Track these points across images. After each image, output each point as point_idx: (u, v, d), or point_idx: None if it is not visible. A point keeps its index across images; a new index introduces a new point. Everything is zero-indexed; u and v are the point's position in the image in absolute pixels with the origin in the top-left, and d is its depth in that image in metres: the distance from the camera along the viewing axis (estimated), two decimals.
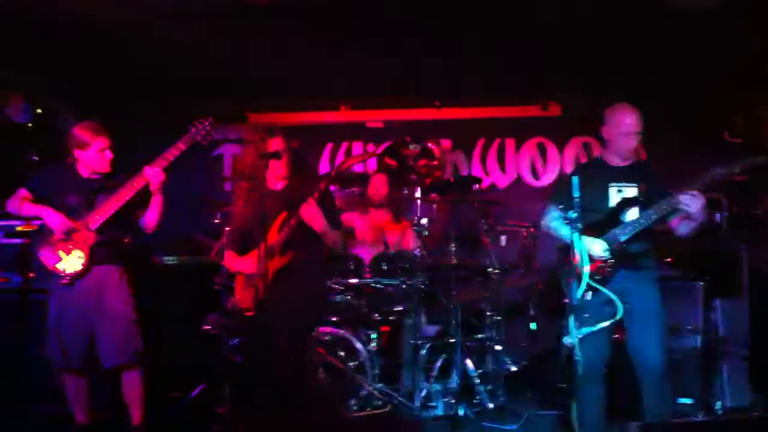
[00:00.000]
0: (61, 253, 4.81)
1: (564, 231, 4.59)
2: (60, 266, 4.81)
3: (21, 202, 4.95)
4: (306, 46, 6.00)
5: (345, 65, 6.47)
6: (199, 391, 5.97)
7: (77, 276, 4.82)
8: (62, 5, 5.24)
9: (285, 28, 5.62)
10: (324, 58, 6.26)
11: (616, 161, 4.70)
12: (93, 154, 4.90)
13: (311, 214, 4.60)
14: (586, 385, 4.42)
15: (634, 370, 4.60)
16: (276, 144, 4.68)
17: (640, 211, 4.49)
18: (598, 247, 4.46)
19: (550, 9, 5.40)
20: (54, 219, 4.80)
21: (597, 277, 4.41)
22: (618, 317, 4.18)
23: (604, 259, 4.47)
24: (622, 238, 4.46)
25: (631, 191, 4.59)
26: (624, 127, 4.58)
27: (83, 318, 4.84)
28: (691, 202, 4.28)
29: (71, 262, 4.81)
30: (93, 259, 4.84)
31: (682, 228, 4.54)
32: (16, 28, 5.57)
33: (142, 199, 4.91)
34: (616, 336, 4.82)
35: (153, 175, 4.81)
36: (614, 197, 4.59)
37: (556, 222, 4.75)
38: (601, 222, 4.56)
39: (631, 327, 4.59)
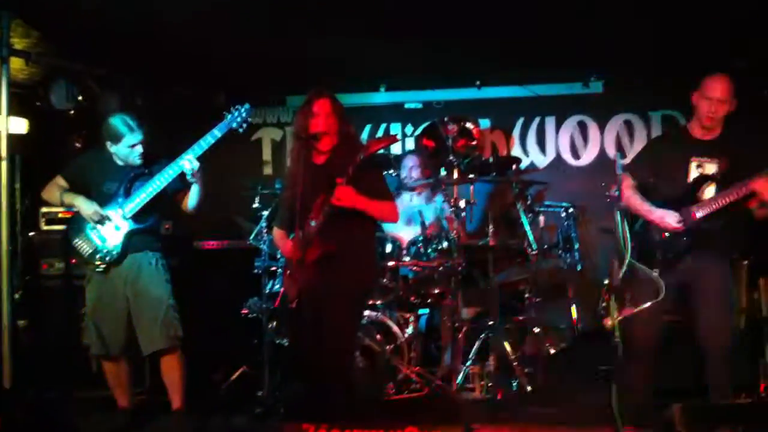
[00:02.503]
0: (97, 241, 4.88)
1: (636, 202, 4.57)
2: (96, 254, 4.88)
3: (57, 190, 5.01)
4: (344, 27, 5.95)
5: (383, 46, 6.42)
6: (239, 374, 6.05)
7: (113, 263, 4.88)
8: None
9: (322, 8, 5.57)
10: (362, 38, 6.21)
11: (700, 132, 4.61)
12: (123, 149, 4.93)
13: (346, 196, 4.20)
14: (632, 363, 4.40)
15: (699, 349, 4.59)
16: (320, 106, 4.36)
17: (717, 190, 4.46)
18: (671, 218, 4.43)
19: None
20: (88, 208, 4.86)
21: (669, 256, 4.45)
22: (660, 298, 4.10)
23: (677, 232, 4.44)
24: (698, 215, 4.42)
25: (711, 167, 4.52)
26: (708, 92, 4.51)
27: (120, 305, 4.91)
28: (764, 188, 4.25)
29: (107, 249, 4.87)
30: (128, 247, 4.90)
31: (759, 212, 4.49)
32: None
33: (184, 182, 4.95)
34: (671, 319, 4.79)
35: (188, 163, 4.83)
36: (693, 172, 4.53)
37: (630, 191, 4.61)
38: (679, 197, 4.52)
39: (698, 305, 4.55)
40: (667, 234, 4.49)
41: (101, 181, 4.97)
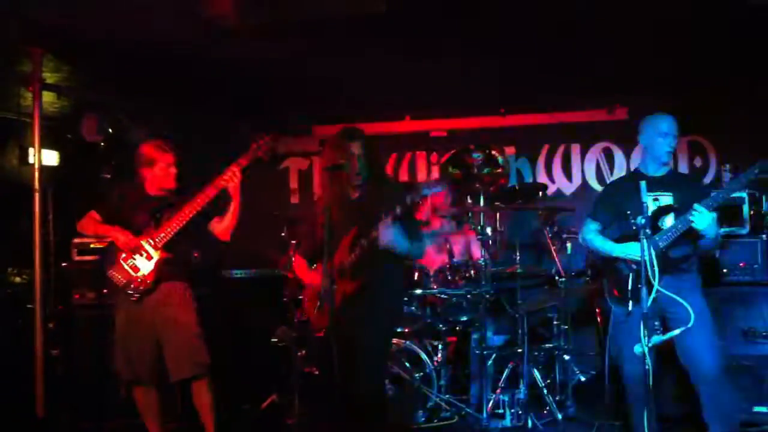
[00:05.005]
0: (129, 271, 4.95)
1: (599, 243, 4.81)
2: (128, 283, 4.94)
3: (91, 223, 5.11)
4: (369, 57, 6.01)
5: (408, 75, 6.48)
6: (269, 402, 6.06)
7: (145, 292, 4.94)
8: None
9: (348, 39, 5.63)
10: (387, 68, 6.27)
11: (652, 170, 4.78)
12: (158, 171, 5.03)
13: (389, 237, 4.24)
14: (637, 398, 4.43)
15: (689, 379, 4.61)
16: (354, 148, 4.39)
17: (676, 218, 4.57)
18: (636, 250, 4.42)
19: (614, 13, 5.32)
20: (121, 237, 4.94)
21: (640, 286, 4.34)
22: (690, 324, 4.06)
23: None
24: (662, 244, 4.51)
25: (666, 199, 4.68)
26: (660, 128, 4.70)
27: (150, 333, 4.95)
28: (697, 218, 4.36)
29: (140, 279, 4.94)
30: (160, 276, 4.95)
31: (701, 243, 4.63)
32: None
33: (211, 212, 5.02)
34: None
35: (230, 177, 4.89)
36: (651, 206, 4.58)
37: (592, 234, 4.88)
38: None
39: (679, 335, 4.51)
40: (634, 267, 4.55)
41: (133, 212, 5.05)
